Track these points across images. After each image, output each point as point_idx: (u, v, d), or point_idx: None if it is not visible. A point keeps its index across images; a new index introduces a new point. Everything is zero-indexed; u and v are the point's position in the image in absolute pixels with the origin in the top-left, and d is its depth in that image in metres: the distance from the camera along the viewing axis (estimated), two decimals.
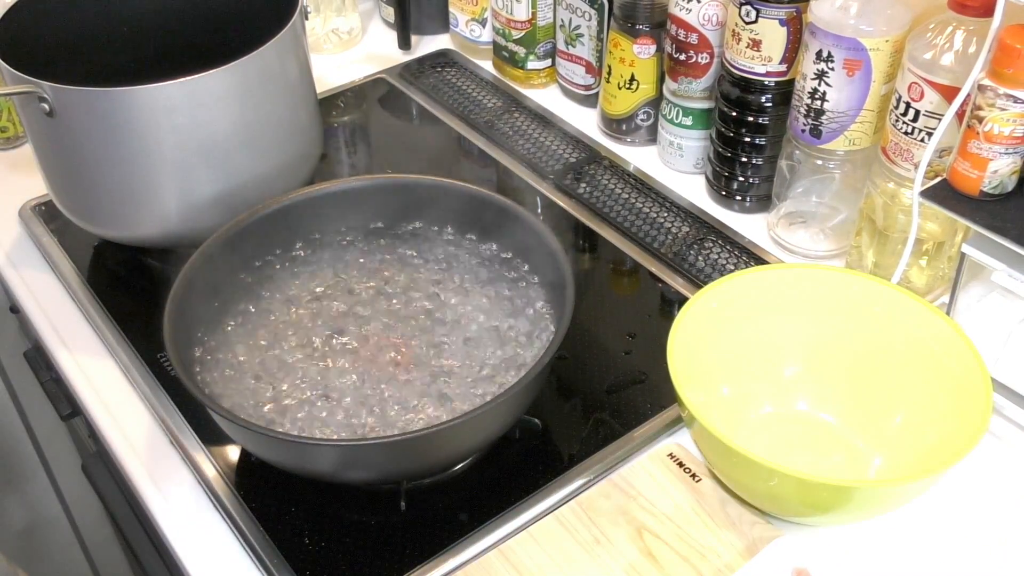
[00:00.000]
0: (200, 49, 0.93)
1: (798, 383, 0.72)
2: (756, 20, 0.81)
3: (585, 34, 1.02)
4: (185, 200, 0.82)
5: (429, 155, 1.04)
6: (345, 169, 1.04)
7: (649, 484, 0.67)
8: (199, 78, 0.76)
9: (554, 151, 1.01)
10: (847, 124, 0.79)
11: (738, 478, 0.64)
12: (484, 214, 0.78)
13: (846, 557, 0.64)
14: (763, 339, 0.71)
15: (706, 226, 0.91)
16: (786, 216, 0.88)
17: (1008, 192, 0.67)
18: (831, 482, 0.59)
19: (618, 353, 0.78)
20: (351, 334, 0.73)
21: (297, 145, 0.88)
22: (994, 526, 0.66)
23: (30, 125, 0.81)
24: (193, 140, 0.79)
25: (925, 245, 0.79)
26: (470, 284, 0.77)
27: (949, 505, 0.67)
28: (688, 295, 0.81)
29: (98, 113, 0.76)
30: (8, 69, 0.77)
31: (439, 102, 1.09)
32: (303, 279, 0.78)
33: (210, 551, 0.66)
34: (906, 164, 0.75)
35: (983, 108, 0.64)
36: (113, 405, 0.76)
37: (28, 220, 0.94)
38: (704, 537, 0.64)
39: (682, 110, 0.94)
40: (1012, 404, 0.71)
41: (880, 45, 0.75)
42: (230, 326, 0.74)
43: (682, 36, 0.90)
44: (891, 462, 0.67)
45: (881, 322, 0.69)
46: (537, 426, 0.72)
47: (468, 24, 1.15)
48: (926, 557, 0.64)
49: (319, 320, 0.75)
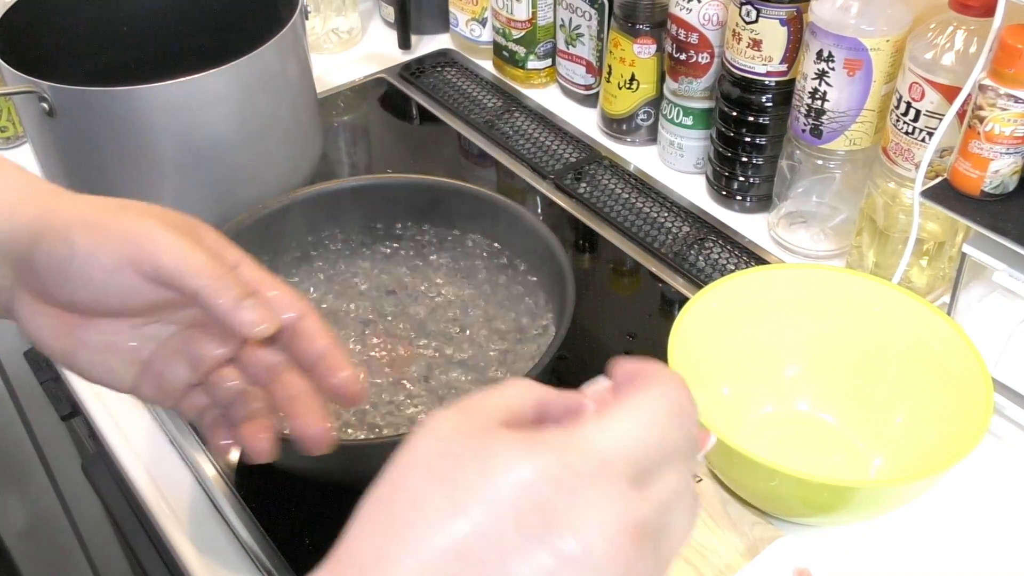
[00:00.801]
0: (200, 49, 0.93)
1: (799, 383, 0.72)
2: (756, 20, 0.81)
3: (585, 34, 1.02)
4: (185, 200, 0.82)
5: (429, 155, 1.04)
6: (345, 169, 1.04)
7: None
8: (199, 78, 0.76)
9: (554, 151, 1.01)
10: (848, 124, 0.79)
11: (739, 478, 0.64)
12: (484, 214, 0.77)
13: (847, 557, 0.64)
14: (763, 339, 0.71)
15: (706, 226, 0.90)
16: (786, 216, 0.88)
17: (1009, 192, 0.67)
18: (832, 482, 0.59)
19: (618, 353, 0.78)
20: (351, 334, 0.73)
21: (297, 145, 0.88)
22: (995, 526, 0.66)
23: (30, 125, 0.81)
24: (193, 140, 0.79)
25: (926, 245, 0.79)
26: (470, 284, 0.77)
27: (950, 506, 0.67)
28: (688, 295, 0.81)
29: (98, 113, 0.76)
30: (8, 69, 0.77)
31: (439, 102, 1.09)
32: (302, 279, 0.78)
33: (210, 551, 0.66)
34: (907, 164, 0.75)
35: (984, 108, 0.64)
36: (113, 405, 0.76)
37: None
38: (705, 537, 0.64)
39: (682, 110, 0.94)
40: (1013, 404, 0.71)
41: (881, 45, 0.75)
42: None
43: (682, 36, 0.89)
44: (892, 462, 0.67)
45: (882, 322, 0.69)
46: None
47: (468, 24, 1.15)
48: (927, 557, 0.64)
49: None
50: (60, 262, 0.43)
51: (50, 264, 0.43)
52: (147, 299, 0.44)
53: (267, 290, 0.46)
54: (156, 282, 0.43)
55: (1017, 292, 0.67)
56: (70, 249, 0.42)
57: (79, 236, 0.42)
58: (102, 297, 0.43)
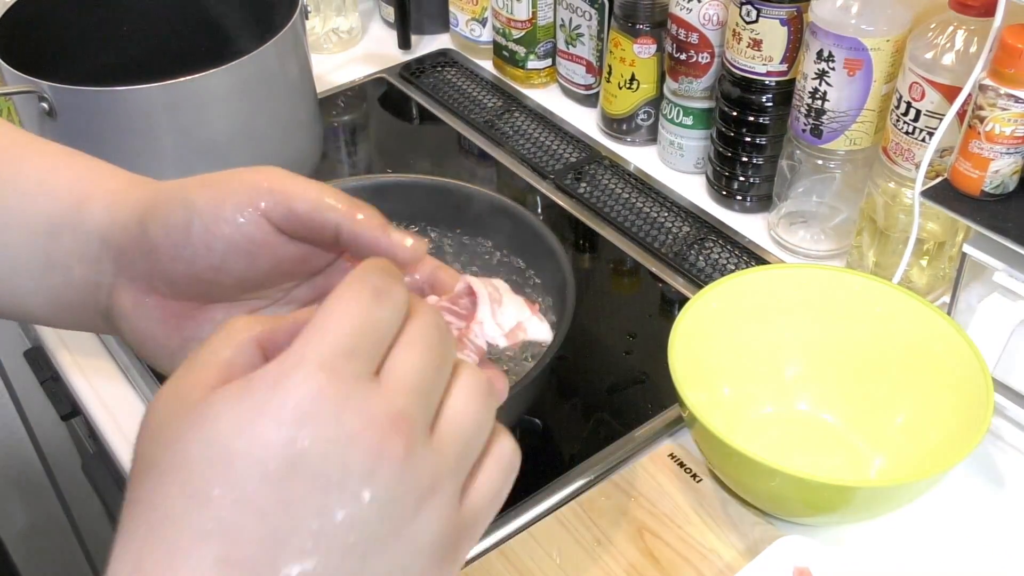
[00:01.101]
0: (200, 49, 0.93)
1: (799, 383, 0.72)
2: (757, 20, 0.81)
3: (585, 34, 1.02)
4: None
5: (429, 155, 1.04)
6: (345, 169, 1.04)
7: (650, 484, 0.67)
8: (199, 78, 0.76)
9: (554, 151, 1.01)
10: (848, 124, 0.79)
11: (739, 478, 0.64)
12: (484, 213, 0.77)
13: (847, 557, 0.64)
14: (764, 339, 0.71)
15: (707, 226, 0.90)
16: (787, 216, 0.88)
17: (1009, 192, 0.67)
18: (832, 482, 0.59)
19: (619, 353, 0.78)
20: None
21: (297, 145, 0.88)
22: (995, 526, 0.66)
23: (30, 125, 0.81)
24: (193, 140, 0.79)
25: (926, 245, 0.79)
26: None
27: (950, 506, 0.67)
28: (689, 295, 0.81)
29: (98, 113, 0.76)
30: (8, 69, 0.77)
31: (439, 102, 1.09)
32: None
33: None
34: (907, 164, 0.75)
35: (984, 108, 0.64)
36: (113, 405, 0.76)
37: None
38: (705, 537, 0.64)
39: (683, 110, 0.94)
40: (1013, 404, 0.71)
41: (881, 45, 0.75)
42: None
43: (683, 36, 0.89)
44: (892, 462, 0.67)
45: (882, 322, 0.69)
46: (538, 426, 0.72)
47: (468, 23, 1.14)
48: (927, 557, 0.64)
49: None
50: (179, 227, 0.39)
51: (168, 233, 0.39)
52: (275, 256, 0.39)
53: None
54: (288, 229, 0.39)
55: (1017, 292, 0.67)
56: (190, 210, 0.39)
57: (198, 196, 0.39)
58: (227, 259, 0.39)
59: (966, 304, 0.73)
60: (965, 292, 0.72)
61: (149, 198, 0.40)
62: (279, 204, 0.38)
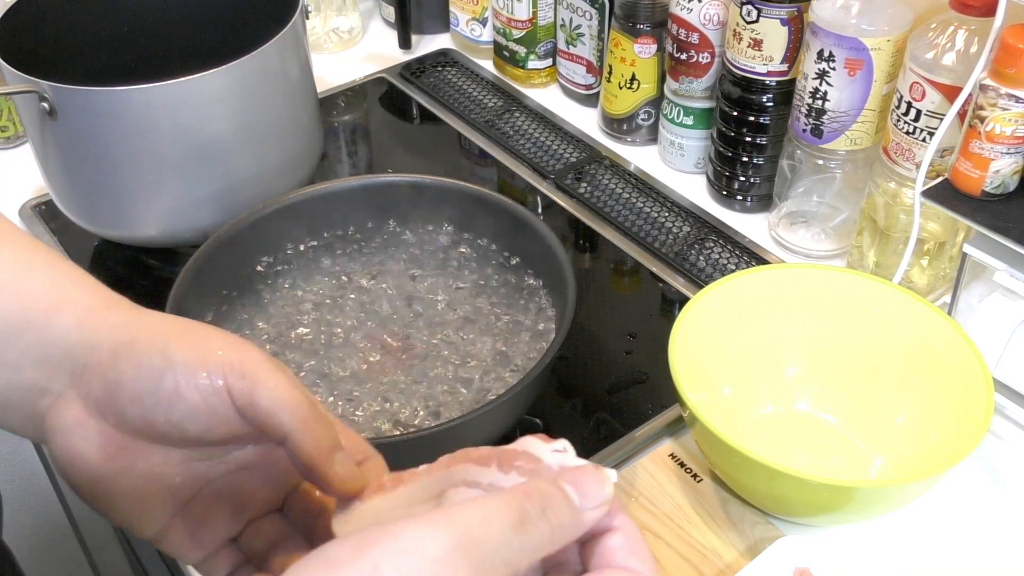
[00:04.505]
0: (200, 49, 0.93)
1: (799, 383, 0.72)
2: (757, 20, 0.81)
3: (586, 33, 1.02)
4: (185, 200, 0.82)
5: (429, 154, 1.04)
6: (345, 168, 1.04)
7: (650, 484, 0.67)
8: (199, 78, 0.76)
9: (555, 151, 1.01)
10: (848, 124, 0.79)
11: (739, 478, 0.64)
12: (485, 213, 0.78)
13: (848, 557, 0.64)
14: (764, 339, 0.71)
15: (707, 226, 0.90)
16: (787, 216, 0.88)
17: (1010, 192, 0.67)
18: (832, 482, 0.59)
19: (619, 353, 0.78)
20: (352, 334, 0.73)
21: (297, 145, 0.88)
22: (995, 526, 0.66)
23: (30, 125, 0.81)
24: (193, 140, 0.79)
25: (926, 245, 0.79)
26: (470, 284, 0.77)
27: (950, 506, 0.67)
28: (689, 295, 0.81)
29: (98, 113, 0.76)
30: (8, 69, 0.77)
31: (439, 101, 1.09)
32: (303, 279, 0.78)
33: None
34: (908, 164, 0.75)
35: (985, 108, 0.64)
36: None
37: (28, 220, 0.94)
38: (705, 537, 0.64)
39: (683, 109, 0.94)
40: (1014, 404, 0.71)
41: (881, 45, 0.75)
42: (231, 326, 0.74)
43: (683, 35, 0.89)
44: (892, 462, 0.67)
45: (882, 322, 0.69)
46: (538, 426, 0.72)
47: (469, 23, 1.14)
48: (927, 557, 0.64)
49: (319, 320, 0.74)
50: (152, 376, 0.38)
51: (138, 376, 0.38)
52: (230, 429, 0.39)
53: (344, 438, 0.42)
54: (246, 416, 0.39)
55: (1018, 292, 0.67)
56: (167, 363, 0.38)
57: (178, 351, 0.38)
58: (185, 418, 0.39)
59: (967, 304, 0.73)
60: (966, 292, 0.72)
61: (126, 331, 0.40)
62: (244, 392, 0.38)
